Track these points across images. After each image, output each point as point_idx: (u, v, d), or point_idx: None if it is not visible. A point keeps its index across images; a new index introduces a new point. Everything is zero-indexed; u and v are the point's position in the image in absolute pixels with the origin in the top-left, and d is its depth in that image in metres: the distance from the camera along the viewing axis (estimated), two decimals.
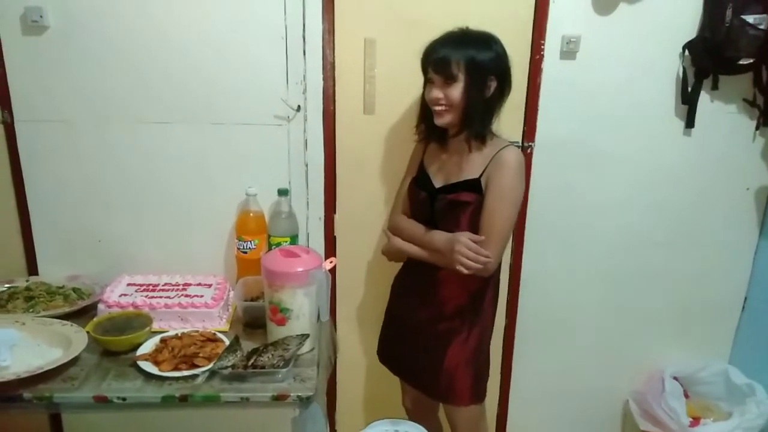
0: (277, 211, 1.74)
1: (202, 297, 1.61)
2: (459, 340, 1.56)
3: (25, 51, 1.63)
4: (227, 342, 1.43)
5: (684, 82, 1.78)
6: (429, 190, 1.56)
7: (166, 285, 1.70)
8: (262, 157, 1.76)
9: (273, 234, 1.74)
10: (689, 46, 1.74)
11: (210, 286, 1.70)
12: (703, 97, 1.80)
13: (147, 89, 1.69)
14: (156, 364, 1.33)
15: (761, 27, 1.64)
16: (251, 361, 1.33)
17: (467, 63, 1.41)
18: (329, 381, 1.87)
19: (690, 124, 1.82)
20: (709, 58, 1.73)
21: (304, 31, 1.67)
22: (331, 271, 1.46)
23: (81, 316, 1.57)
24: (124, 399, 1.26)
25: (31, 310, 1.57)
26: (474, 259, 1.39)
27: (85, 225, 1.78)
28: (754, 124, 1.83)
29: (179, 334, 1.46)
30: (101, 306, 1.55)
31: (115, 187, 1.76)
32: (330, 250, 1.89)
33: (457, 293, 1.55)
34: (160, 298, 1.60)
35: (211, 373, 1.33)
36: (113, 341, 1.40)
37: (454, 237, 1.43)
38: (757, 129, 1.84)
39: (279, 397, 1.28)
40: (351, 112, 1.80)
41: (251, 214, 1.72)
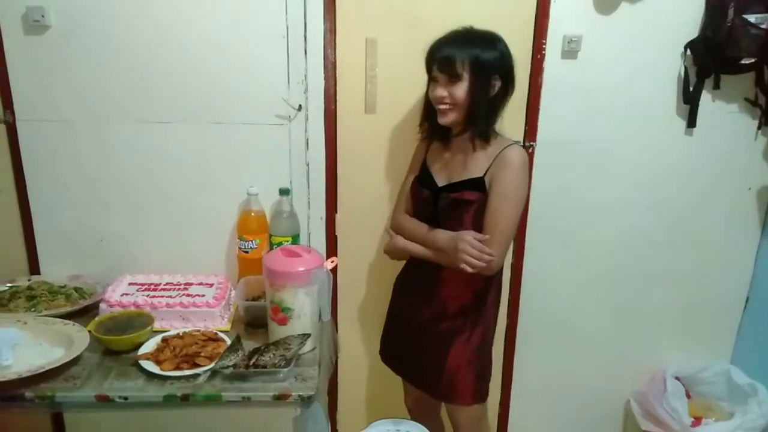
0: (279, 211, 1.74)
1: (203, 296, 1.61)
2: (461, 340, 1.56)
3: (27, 51, 1.64)
4: (229, 341, 1.43)
5: (685, 81, 1.77)
6: (432, 188, 1.56)
7: (167, 284, 1.70)
8: (263, 157, 1.76)
9: (274, 233, 1.74)
10: (691, 45, 1.74)
11: (211, 285, 1.70)
12: (705, 97, 1.80)
13: (148, 89, 1.69)
14: (158, 363, 1.34)
15: (763, 26, 1.64)
16: (253, 360, 1.33)
17: (472, 62, 1.41)
18: (331, 380, 1.87)
19: (692, 123, 1.82)
20: (710, 58, 1.72)
21: (305, 31, 1.67)
22: (333, 271, 1.46)
23: (83, 315, 1.58)
24: (125, 398, 1.26)
25: (33, 310, 1.57)
26: (478, 258, 1.38)
27: (87, 224, 1.78)
28: (755, 123, 1.83)
29: (181, 334, 1.47)
30: (103, 305, 1.55)
31: (117, 187, 1.76)
32: (331, 249, 1.89)
33: (459, 293, 1.55)
34: (162, 297, 1.60)
35: (213, 373, 1.33)
36: (115, 341, 1.40)
37: (457, 235, 1.43)
38: (758, 129, 1.83)
39: (280, 397, 1.28)
40: (352, 111, 1.80)
41: (252, 214, 1.72)
